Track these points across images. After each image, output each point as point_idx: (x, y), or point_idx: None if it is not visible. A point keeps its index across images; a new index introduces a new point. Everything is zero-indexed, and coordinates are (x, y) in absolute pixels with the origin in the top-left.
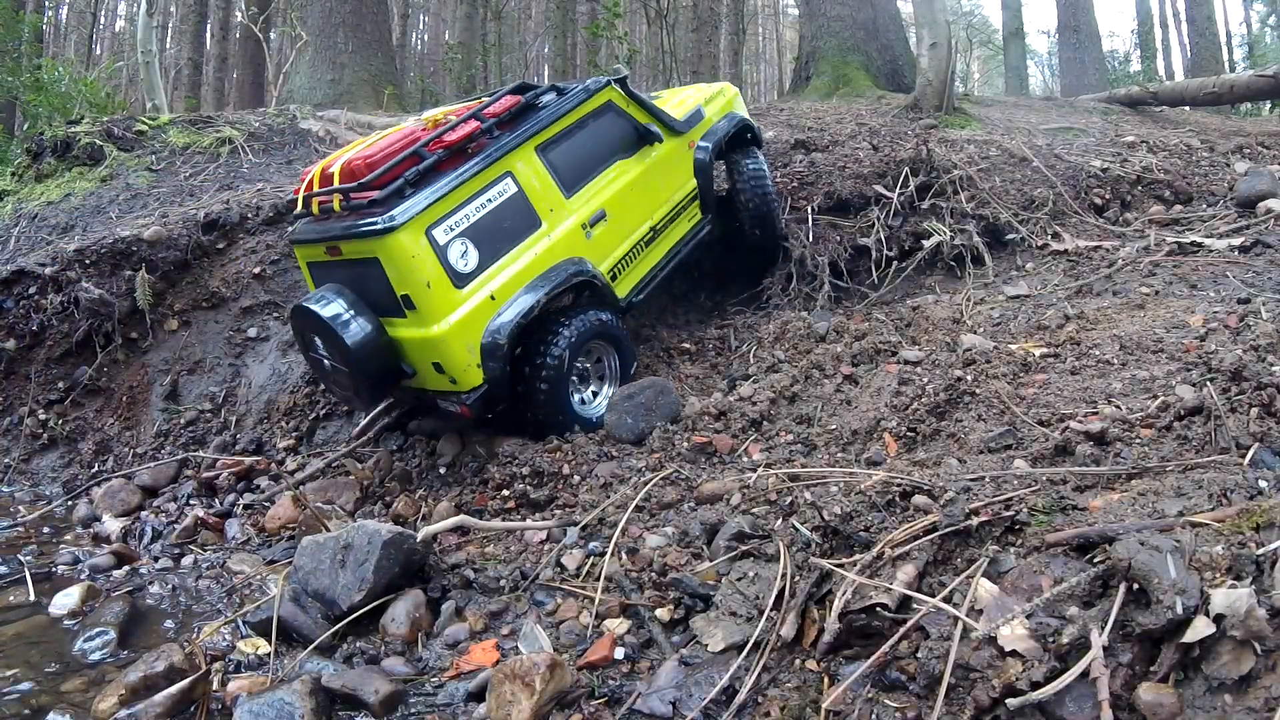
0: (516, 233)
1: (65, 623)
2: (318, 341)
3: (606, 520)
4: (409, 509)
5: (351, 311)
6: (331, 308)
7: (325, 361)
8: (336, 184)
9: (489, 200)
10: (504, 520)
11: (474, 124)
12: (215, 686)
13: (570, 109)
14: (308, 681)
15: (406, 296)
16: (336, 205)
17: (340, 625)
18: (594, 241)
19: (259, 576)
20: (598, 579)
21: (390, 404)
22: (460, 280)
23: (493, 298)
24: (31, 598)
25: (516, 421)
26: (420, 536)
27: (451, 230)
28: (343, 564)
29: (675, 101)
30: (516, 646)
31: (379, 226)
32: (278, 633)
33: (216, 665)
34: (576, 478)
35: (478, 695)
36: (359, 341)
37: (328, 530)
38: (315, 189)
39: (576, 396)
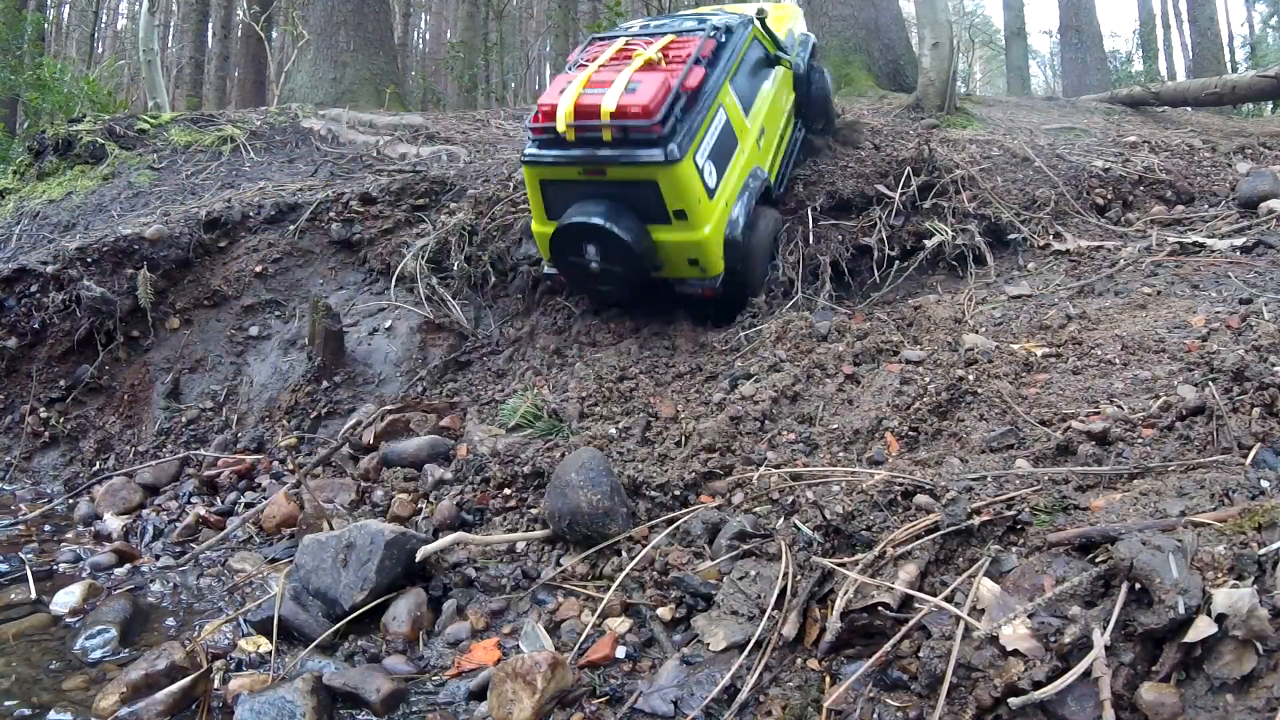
0: (729, 151)
1: (66, 621)
2: (590, 248)
3: None
4: (407, 509)
5: (628, 220)
6: (611, 219)
7: (592, 265)
8: (608, 119)
9: (715, 128)
10: (504, 523)
11: (702, 70)
12: (216, 685)
13: (741, 44)
14: (309, 680)
15: (680, 210)
16: (606, 136)
17: (341, 624)
18: (762, 150)
19: (260, 575)
20: (599, 578)
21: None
22: (710, 193)
23: (726, 204)
24: (33, 596)
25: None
26: (420, 557)
27: (703, 155)
28: (345, 563)
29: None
30: (518, 645)
31: (663, 158)
32: (279, 631)
33: (218, 663)
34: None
35: (479, 694)
36: (643, 245)
37: (330, 528)
38: (572, 120)
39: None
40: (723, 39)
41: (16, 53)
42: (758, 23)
